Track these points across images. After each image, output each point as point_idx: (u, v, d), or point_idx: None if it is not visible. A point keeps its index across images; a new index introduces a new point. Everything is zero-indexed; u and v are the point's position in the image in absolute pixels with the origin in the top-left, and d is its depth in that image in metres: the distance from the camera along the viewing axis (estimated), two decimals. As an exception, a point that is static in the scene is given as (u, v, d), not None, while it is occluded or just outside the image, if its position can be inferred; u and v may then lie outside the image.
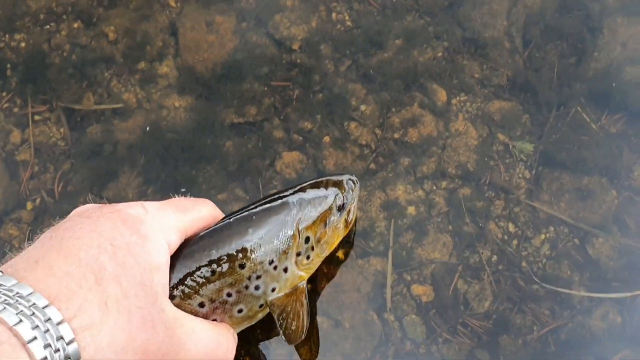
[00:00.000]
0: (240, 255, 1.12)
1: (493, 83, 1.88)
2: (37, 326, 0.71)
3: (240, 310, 1.17)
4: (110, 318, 0.77)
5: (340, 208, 1.36)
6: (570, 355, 1.52)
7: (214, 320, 1.12)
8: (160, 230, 0.93)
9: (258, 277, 1.16)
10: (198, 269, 1.09)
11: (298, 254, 1.25)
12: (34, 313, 0.72)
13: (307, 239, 1.27)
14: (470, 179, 1.76)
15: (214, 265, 1.09)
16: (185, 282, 1.06)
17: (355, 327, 1.57)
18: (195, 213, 1.08)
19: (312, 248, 1.29)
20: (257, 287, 1.17)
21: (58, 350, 0.71)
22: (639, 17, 1.91)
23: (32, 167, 1.81)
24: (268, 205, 1.23)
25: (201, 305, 1.10)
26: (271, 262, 1.18)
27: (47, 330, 0.72)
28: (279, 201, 1.25)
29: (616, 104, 1.79)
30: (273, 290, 1.21)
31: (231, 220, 1.18)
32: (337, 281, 1.63)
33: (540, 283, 1.61)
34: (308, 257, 1.29)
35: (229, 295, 1.13)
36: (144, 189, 1.74)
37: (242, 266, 1.13)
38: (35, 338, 0.71)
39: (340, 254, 1.67)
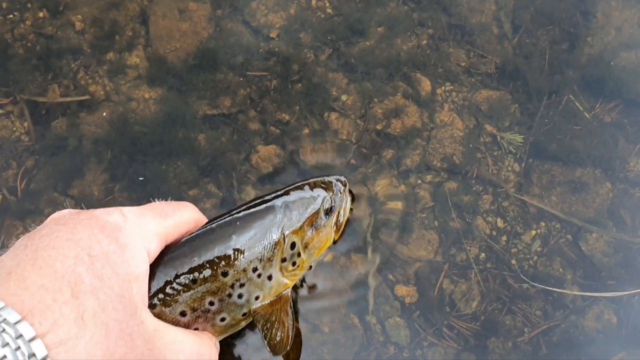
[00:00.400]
0: (223, 262, 1.07)
1: (480, 71, 1.79)
2: (7, 343, 0.69)
3: (223, 319, 1.11)
4: (87, 332, 0.74)
5: (329, 211, 1.28)
6: (563, 358, 1.43)
7: (196, 329, 1.07)
8: (140, 237, 0.90)
9: (241, 286, 1.11)
10: (179, 276, 1.04)
11: (283, 260, 1.18)
12: (4, 329, 0.69)
13: (293, 245, 1.19)
14: (457, 172, 1.67)
15: (196, 273, 1.04)
16: (166, 291, 1.01)
17: (334, 332, 1.49)
18: (176, 217, 1.03)
19: (299, 254, 1.21)
20: (240, 296, 1.11)
21: None
22: (634, 0, 1.81)
23: (-7, 163, 1.72)
24: (252, 209, 1.17)
25: (182, 314, 1.04)
26: (255, 269, 1.12)
27: (19, 347, 0.69)
28: (264, 205, 1.18)
29: (611, 92, 1.71)
30: (257, 298, 1.15)
31: (214, 225, 1.12)
32: (315, 282, 1.54)
33: (530, 282, 1.52)
34: (294, 264, 1.21)
35: (211, 303, 1.08)
36: (110, 185, 1.65)
37: (224, 274, 1.07)
38: (4, 357, 0.68)
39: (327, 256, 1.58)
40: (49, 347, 0.70)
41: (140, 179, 1.61)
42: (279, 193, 1.24)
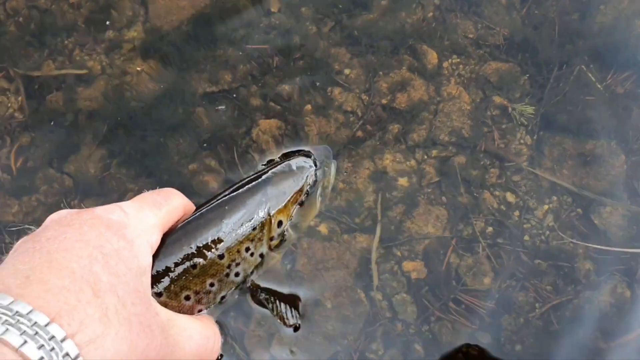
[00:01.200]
0: (218, 246, 1.12)
1: (488, 43, 1.74)
2: (42, 345, 0.72)
3: (223, 297, 1.16)
4: (112, 329, 0.78)
5: (313, 185, 1.29)
6: (577, 334, 1.39)
7: (200, 310, 1.13)
8: (143, 232, 0.95)
9: (237, 265, 1.18)
10: (180, 264, 1.08)
11: (271, 239, 1.21)
12: (37, 332, 0.72)
13: (280, 223, 1.22)
14: (465, 146, 1.63)
15: (195, 259, 1.10)
16: (170, 278, 1.07)
17: (340, 307, 1.45)
18: (169, 207, 1.07)
19: (286, 230, 1.23)
20: (237, 274, 1.17)
21: None
22: (648, -33, 1.77)
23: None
24: (237, 193, 1.19)
25: (187, 298, 1.11)
26: (247, 249, 1.17)
27: (53, 348, 0.72)
28: (247, 187, 1.21)
29: (624, 62, 1.66)
30: (252, 273, 1.18)
31: (204, 211, 1.16)
32: (319, 258, 1.50)
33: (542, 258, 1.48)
34: (282, 240, 1.23)
35: (211, 285, 1.13)
36: (108, 162, 1.61)
37: (220, 257, 1.13)
38: (42, 358, 0.71)
39: (323, 228, 1.54)
40: (79, 346, 0.74)
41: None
42: (262, 173, 1.25)
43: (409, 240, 1.53)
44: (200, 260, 1.11)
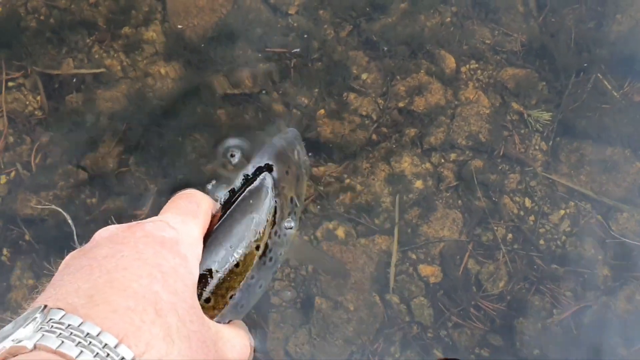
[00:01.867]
0: (254, 239, 1.15)
1: (506, 49, 1.76)
2: None
3: (260, 286, 1.19)
4: (175, 348, 0.80)
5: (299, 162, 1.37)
6: (595, 340, 1.40)
7: (242, 305, 1.14)
8: (192, 246, 0.97)
9: (270, 251, 1.19)
10: (225, 265, 1.10)
11: (289, 214, 1.27)
12: (108, 354, 0.73)
13: (291, 199, 1.27)
14: (482, 151, 1.64)
15: (239, 257, 1.13)
16: (217, 282, 1.08)
17: (358, 310, 1.45)
18: (203, 213, 1.07)
19: (296, 205, 1.29)
20: (270, 259, 1.21)
21: None
22: (664, -23, 1.79)
23: (5, 137, 1.69)
24: (253, 185, 1.24)
25: (231, 297, 1.12)
26: (276, 233, 1.20)
27: None
28: (260, 178, 1.25)
29: (640, 70, 1.68)
30: (280, 254, 1.22)
31: (232, 211, 1.19)
32: (338, 260, 1.51)
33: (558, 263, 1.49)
34: (295, 214, 1.30)
35: (252, 277, 1.15)
36: (124, 157, 1.62)
37: (257, 248, 1.15)
38: None
39: (340, 232, 1.55)
40: None
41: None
42: (261, 160, 1.30)
43: (425, 243, 1.54)
44: (243, 258, 1.13)
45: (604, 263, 1.49)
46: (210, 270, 1.07)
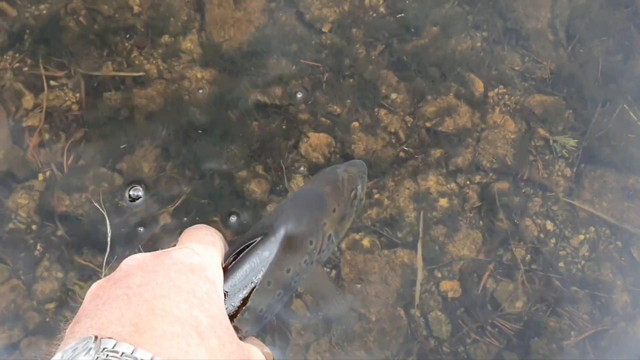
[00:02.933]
0: (285, 263, 1.21)
1: (535, 76, 1.83)
2: None
3: (280, 296, 1.24)
4: None
5: (354, 200, 1.37)
6: (612, 364, 1.45)
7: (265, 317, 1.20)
8: (216, 271, 1.01)
9: (297, 275, 1.22)
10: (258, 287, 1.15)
11: (321, 250, 1.30)
12: None
13: (329, 237, 1.31)
14: (507, 174, 1.70)
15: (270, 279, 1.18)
16: (258, 302, 1.14)
17: (380, 321, 1.51)
18: (219, 243, 1.14)
19: (332, 241, 1.32)
20: (295, 282, 1.24)
21: None
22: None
23: (41, 133, 1.76)
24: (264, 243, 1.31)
25: (260, 310, 1.18)
26: (305, 261, 1.24)
27: None
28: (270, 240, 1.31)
29: (666, 104, 1.74)
30: (303, 279, 1.26)
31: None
32: (362, 269, 1.56)
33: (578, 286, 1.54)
34: (328, 249, 1.33)
35: (279, 295, 1.21)
36: (163, 164, 1.69)
37: (288, 270, 1.20)
38: None
39: (366, 241, 1.61)
40: None
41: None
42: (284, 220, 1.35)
43: (450, 262, 1.59)
44: (274, 280, 1.18)
45: (623, 289, 1.54)
46: (242, 287, 1.12)
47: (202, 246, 1.04)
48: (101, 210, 1.49)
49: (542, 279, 1.57)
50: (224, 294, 1.14)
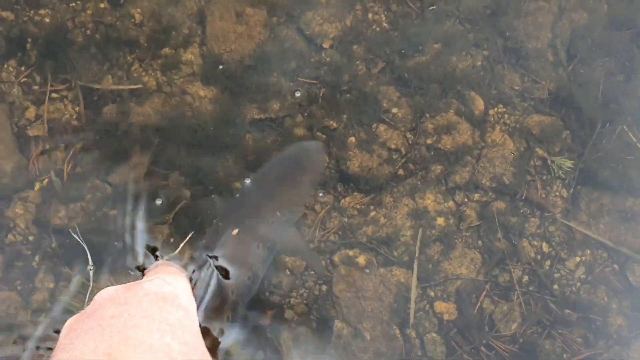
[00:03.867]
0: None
1: (534, 96, 1.84)
2: None
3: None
4: None
5: None
6: (605, 388, 1.45)
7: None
8: (189, 297, 1.05)
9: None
10: None
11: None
12: None
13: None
14: (505, 193, 1.71)
15: None
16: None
17: (376, 340, 1.51)
18: (186, 274, 1.19)
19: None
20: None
21: None
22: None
23: (43, 143, 1.79)
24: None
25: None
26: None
27: None
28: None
29: (667, 125, 1.75)
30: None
31: None
32: (358, 286, 1.57)
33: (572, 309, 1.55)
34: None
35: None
36: (156, 170, 1.71)
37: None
38: None
39: (361, 259, 1.62)
40: None
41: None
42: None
43: (443, 281, 1.60)
44: None
45: (618, 312, 1.54)
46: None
47: (173, 276, 1.09)
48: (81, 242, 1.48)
49: (538, 300, 1.58)
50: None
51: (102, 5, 1.98)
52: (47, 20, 1.94)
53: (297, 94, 1.84)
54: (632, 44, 1.89)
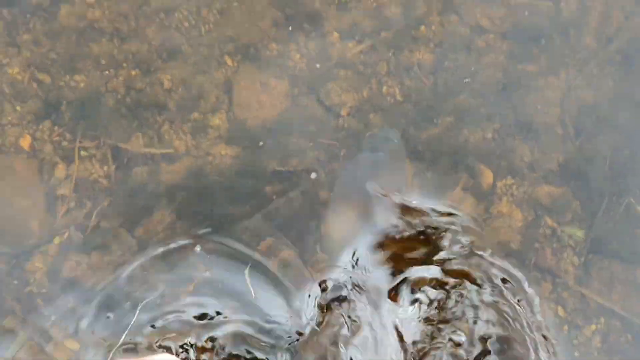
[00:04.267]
0: None
1: (543, 167, 1.91)
2: None
3: None
4: None
5: None
6: None
7: None
8: None
9: None
10: None
11: None
12: None
13: None
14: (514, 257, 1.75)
15: None
16: None
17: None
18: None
19: None
20: None
21: None
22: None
23: (68, 202, 1.86)
24: None
25: None
26: None
27: None
28: None
29: (673, 199, 1.80)
30: None
31: None
32: None
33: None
34: None
35: None
36: (178, 224, 1.77)
37: None
38: None
39: None
40: None
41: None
42: None
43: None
44: None
45: (632, 383, 1.54)
46: None
47: (173, 357, 1.15)
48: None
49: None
50: None
51: (133, 73, 2.11)
52: (82, 85, 2.07)
53: (313, 175, 1.92)
54: (637, 120, 1.98)
